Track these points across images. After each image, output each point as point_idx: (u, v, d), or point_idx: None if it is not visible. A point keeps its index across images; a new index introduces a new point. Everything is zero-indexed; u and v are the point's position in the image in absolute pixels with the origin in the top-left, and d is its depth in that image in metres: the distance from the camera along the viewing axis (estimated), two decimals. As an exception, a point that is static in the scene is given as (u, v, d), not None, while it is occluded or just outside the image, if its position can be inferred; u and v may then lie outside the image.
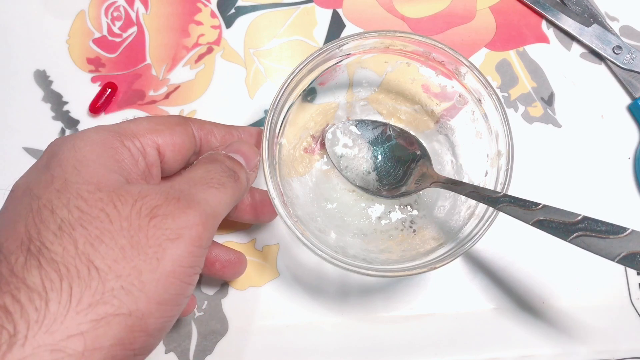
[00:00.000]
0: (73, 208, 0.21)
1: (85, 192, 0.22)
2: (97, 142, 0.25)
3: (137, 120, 0.28)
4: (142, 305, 0.21)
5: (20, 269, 0.20)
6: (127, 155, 0.25)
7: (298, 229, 0.30)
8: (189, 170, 0.26)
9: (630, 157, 0.39)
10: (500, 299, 0.36)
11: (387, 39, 0.33)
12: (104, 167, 0.24)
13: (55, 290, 0.20)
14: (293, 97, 0.33)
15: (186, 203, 0.23)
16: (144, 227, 0.22)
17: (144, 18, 0.41)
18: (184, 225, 0.22)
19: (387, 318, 0.36)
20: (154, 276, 0.21)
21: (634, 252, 0.24)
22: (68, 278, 0.20)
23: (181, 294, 0.23)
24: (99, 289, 0.20)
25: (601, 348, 0.35)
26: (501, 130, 0.32)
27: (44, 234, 0.21)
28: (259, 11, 0.41)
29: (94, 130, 0.26)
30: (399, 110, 0.38)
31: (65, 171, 0.23)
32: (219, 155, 0.28)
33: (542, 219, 0.27)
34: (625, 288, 0.37)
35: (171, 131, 0.28)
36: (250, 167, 0.29)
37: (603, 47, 0.40)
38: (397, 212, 0.36)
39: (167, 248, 0.22)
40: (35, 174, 0.24)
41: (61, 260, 0.20)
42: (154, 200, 0.23)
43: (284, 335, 0.35)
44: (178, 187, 0.24)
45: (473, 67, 0.33)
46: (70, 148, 0.24)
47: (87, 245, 0.21)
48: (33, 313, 0.19)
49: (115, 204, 0.22)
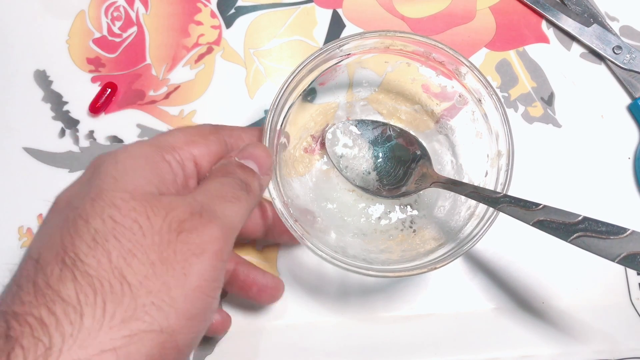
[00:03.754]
0: (107, 218, 0.22)
1: (119, 200, 0.22)
2: (139, 155, 0.25)
3: (173, 133, 0.28)
4: (173, 322, 0.21)
5: (56, 281, 0.20)
6: (167, 169, 0.26)
7: (298, 229, 0.30)
8: (205, 182, 0.27)
9: (630, 157, 0.39)
10: (500, 299, 0.36)
11: (387, 39, 0.33)
12: (143, 178, 0.24)
13: (89, 305, 0.20)
14: (293, 97, 0.33)
15: (208, 218, 0.23)
16: (172, 242, 0.22)
17: (144, 18, 0.41)
18: (207, 240, 0.23)
19: (387, 318, 0.36)
20: (182, 292, 0.22)
21: (634, 253, 0.24)
22: (102, 293, 0.20)
23: (207, 308, 0.23)
24: (131, 305, 0.20)
25: (601, 348, 0.35)
26: (501, 131, 0.32)
27: (78, 245, 0.21)
28: (259, 11, 0.41)
29: (136, 144, 0.26)
30: (399, 110, 0.38)
31: (103, 181, 0.23)
32: (230, 166, 0.28)
33: (543, 220, 0.27)
34: (625, 288, 0.37)
35: (206, 141, 0.28)
36: (264, 171, 0.29)
37: (603, 47, 0.40)
38: (397, 212, 0.36)
39: (193, 263, 0.22)
40: (77, 187, 0.24)
41: (95, 274, 0.20)
42: (181, 213, 0.23)
43: (284, 335, 0.35)
44: (200, 200, 0.24)
45: (473, 67, 0.33)
46: (112, 162, 0.24)
47: (120, 260, 0.21)
48: (68, 326, 0.19)
49: (149, 215, 0.22)
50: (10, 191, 0.38)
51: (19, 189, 0.38)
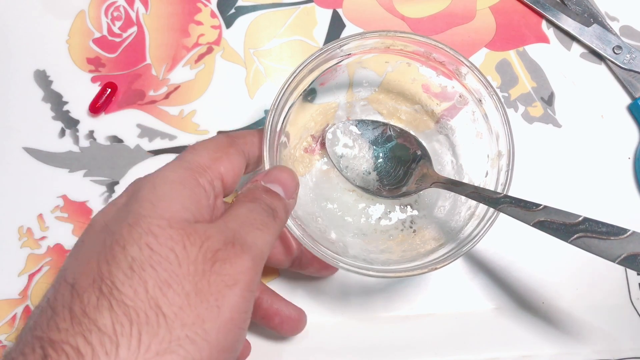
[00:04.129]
0: (144, 245, 0.22)
1: (157, 228, 0.22)
2: (176, 181, 0.25)
3: (198, 151, 0.27)
4: (206, 354, 0.21)
5: (93, 309, 0.20)
6: (203, 194, 0.25)
7: (299, 229, 0.30)
8: (234, 208, 0.26)
9: (630, 157, 0.39)
10: (501, 299, 0.36)
11: (387, 39, 0.33)
12: (179, 204, 0.24)
13: (125, 335, 0.20)
14: (293, 97, 0.33)
15: (240, 248, 0.23)
16: (207, 272, 0.22)
17: (144, 18, 0.41)
18: (240, 271, 0.23)
19: (387, 318, 0.36)
20: (215, 325, 0.21)
21: (635, 254, 0.24)
22: (137, 323, 0.20)
23: (238, 340, 0.23)
24: (166, 337, 0.20)
25: (601, 348, 0.35)
26: (502, 131, 0.32)
27: (115, 273, 0.21)
28: (259, 11, 0.41)
29: (170, 168, 0.26)
30: (399, 110, 0.38)
31: (141, 206, 0.23)
32: (257, 192, 0.28)
33: (543, 220, 0.27)
34: (625, 288, 0.37)
35: (229, 156, 0.28)
36: (289, 195, 0.29)
37: (603, 47, 0.40)
38: (398, 212, 0.36)
39: (226, 295, 0.22)
40: (114, 211, 0.24)
41: (132, 304, 0.20)
42: (216, 243, 0.23)
43: (284, 335, 0.35)
44: (232, 227, 0.24)
45: (473, 67, 0.32)
46: (150, 187, 0.24)
47: (157, 290, 0.21)
48: (104, 357, 0.19)
49: (185, 244, 0.22)
50: (10, 191, 0.38)
51: (19, 189, 0.38)
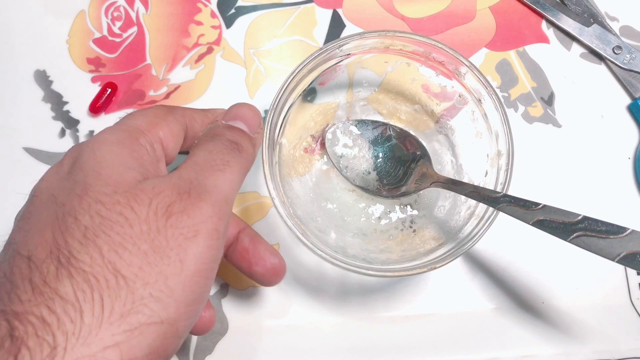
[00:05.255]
0: (94, 214, 0.21)
1: (103, 196, 0.22)
2: (114, 142, 0.24)
3: (135, 116, 0.27)
4: (172, 311, 0.21)
5: (53, 279, 0.20)
6: (144, 151, 0.25)
7: (298, 229, 0.30)
8: (192, 154, 0.26)
9: (630, 157, 0.39)
10: (500, 299, 0.36)
11: (387, 39, 0.33)
12: (122, 165, 0.23)
13: (87, 302, 0.20)
14: (293, 97, 0.33)
15: (197, 195, 0.23)
16: (162, 228, 0.22)
17: (144, 18, 0.41)
18: (200, 221, 0.22)
19: (387, 318, 0.36)
20: (179, 280, 0.21)
21: (634, 252, 0.24)
22: (98, 288, 0.20)
23: (205, 291, 0.23)
24: (129, 298, 0.20)
25: (601, 348, 0.35)
26: (501, 130, 0.32)
27: (71, 243, 0.21)
28: (259, 11, 0.41)
29: (107, 132, 0.25)
30: (399, 110, 0.38)
31: (86, 175, 0.23)
32: (217, 129, 0.27)
33: (542, 219, 0.27)
34: (625, 288, 0.37)
35: (167, 122, 0.27)
36: (253, 129, 0.28)
37: (603, 47, 0.40)
38: (397, 212, 0.36)
39: (188, 248, 0.22)
40: (58, 181, 0.24)
41: (90, 270, 0.20)
42: (168, 197, 0.22)
43: (284, 335, 0.35)
44: (187, 177, 0.24)
45: (473, 67, 0.33)
46: (89, 151, 0.24)
47: (112, 253, 0.21)
48: (69, 325, 0.19)
49: (133, 206, 0.22)
50: (10, 191, 0.38)
51: (19, 189, 0.38)
